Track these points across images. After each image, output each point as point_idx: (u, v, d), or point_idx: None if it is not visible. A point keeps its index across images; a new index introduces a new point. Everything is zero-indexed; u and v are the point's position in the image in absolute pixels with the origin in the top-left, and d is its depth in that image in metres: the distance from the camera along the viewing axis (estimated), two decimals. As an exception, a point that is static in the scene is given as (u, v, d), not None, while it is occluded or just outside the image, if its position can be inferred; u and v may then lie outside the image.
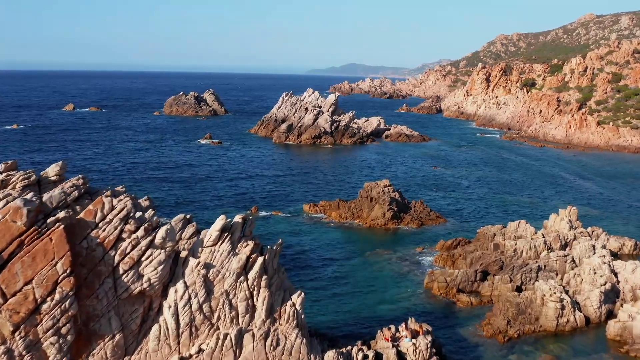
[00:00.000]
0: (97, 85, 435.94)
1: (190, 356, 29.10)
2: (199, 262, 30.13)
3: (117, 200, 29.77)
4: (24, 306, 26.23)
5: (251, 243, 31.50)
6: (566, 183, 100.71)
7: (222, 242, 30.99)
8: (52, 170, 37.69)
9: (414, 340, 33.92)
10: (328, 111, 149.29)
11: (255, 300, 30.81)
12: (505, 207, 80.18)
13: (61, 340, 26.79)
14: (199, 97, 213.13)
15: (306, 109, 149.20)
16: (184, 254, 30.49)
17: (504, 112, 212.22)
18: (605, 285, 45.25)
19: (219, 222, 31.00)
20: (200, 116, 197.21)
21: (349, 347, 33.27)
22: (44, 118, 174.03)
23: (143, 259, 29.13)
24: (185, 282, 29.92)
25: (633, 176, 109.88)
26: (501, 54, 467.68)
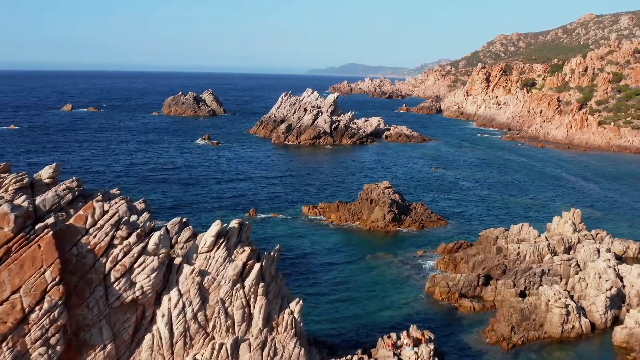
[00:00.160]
0: (96, 85, 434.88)
1: (185, 367, 28.11)
2: (193, 269, 29.11)
3: (109, 205, 28.73)
4: (11, 316, 25.22)
5: (248, 249, 30.47)
6: (568, 184, 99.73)
7: (218, 248, 29.95)
8: (45, 172, 36.79)
9: (416, 348, 32.92)
10: (327, 111, 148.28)
11: (252, 308, 29.79)
12: (507, 209, 79.18)
13: (50, 351, 25.76)
14: (197, 97, 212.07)
15: (305, 109, 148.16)
16: (178, 260, 29.47)
17: (504, 112, 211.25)
18: (611, 290, 44.26)
19: (215, 227, 29.96)
20: (199, 116, 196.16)
21: (349, 356, 32.29)
22: (41, 118, 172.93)
23: (135, 266, 28.10)
24: (180, 289, 28.90)
25: (635, 177, 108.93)
26: (501, 53, 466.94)
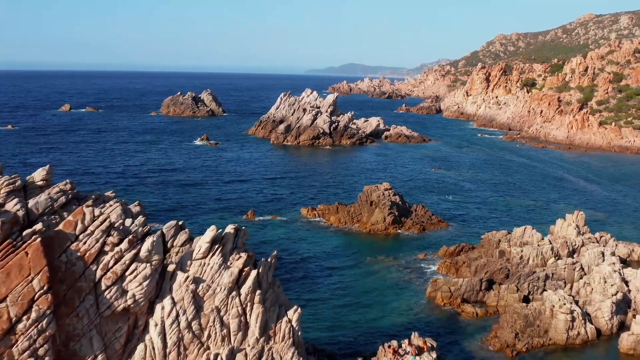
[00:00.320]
0: (95, 85, 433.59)
1: (178, 378, 27.07)
2: (187, 277, 28.08)
3: (99, 210, 27.68)
4: (-4, 326, 24.20)
5: (244, 255, 29.45)
6: (570, 185, 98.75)
7: (213, 254, 28.92)
8: (38, 174, 35.79)
9: (418, 357, 31.90)
10: (327, 112, 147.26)
11: (248, 317, 28.77)
12: (509, 211, 78.18)
13: (38, 363, 24.74)
14: (196, 98, 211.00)
15: (304, 110, 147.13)
16: (172, 267, 28.43)
17: (504, 112, 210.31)
18: (617, 295, 43.27)
19: (209, 233, 28.93)
20: (198, 117, 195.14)
21: (348, 366, 31.29)
22: (39, 119, 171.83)
23: (127, 273, 27.07)
24: (173, 298, 27.86)
25: (638, 178, 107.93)
26: (500, 53, 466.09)
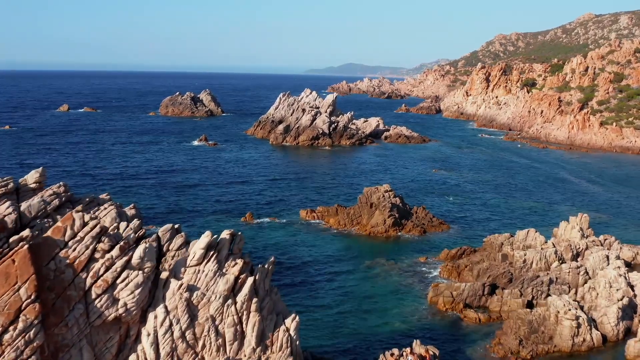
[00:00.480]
0: (94, 85, 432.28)
1: (172, 390, 26.07)
2: (181, 284, 27.08)
3: (89, 215, 26.67)
4: (-19, 337, 23.20)
5: (240, 262, 28.46)
6: (573, 187, 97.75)
7: (208, 261, 27.92)
8: (31, 177, 34.93)
9: (420, 366, 30.93)
10: (326, 112, 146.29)
11: (244, 325, 27.77)
12: (511, 213, 77.19)
13: (25, 375, 23.73)
14: (195, 98, 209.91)
15: (304, 110, 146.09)
16: (165, 275, 27.41)
17: (505, 112, 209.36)
18: (623, 300, 42.29)
19: (204, 239, 27.93)
20: (197, 117, 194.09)
21: (348, 375, 30.30)
22: (37, 119, 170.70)
23: (118, 281, 26.07)
24: (166, 306, 26.86)
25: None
26: (500, 53, 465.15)
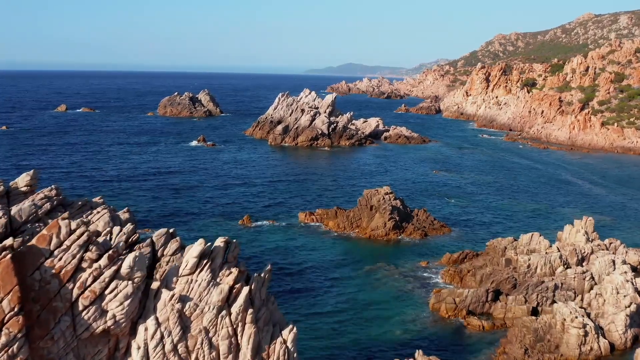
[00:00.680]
0: (93, 85, 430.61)
1: (163, 406, 24.84)
2: (173, 295, 25.82)
3: (76, 223, 25.43)
4: (-39, 352, 21.99)
5: (235, 271, 27.19)
6: (575, 188, 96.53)
7: (201, 270, 26.66)
8: (22, 180, 33.88)
9: (422, 379, 29.72)
10: (325, 112, 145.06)
11: (239, 338, 26.52)
12: (513, 215, 75.98)
13: (8, 391, 22.51)
14: (193, 98, 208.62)
15: (303, 110, 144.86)
16: (156, 285, 26.16)
17: (505, 112, 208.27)
18: (630, 306, 41.10)
19: (197, 247, 26.68)
20: (195, 117, 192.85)
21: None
22: (34, 119, 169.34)
23: (107, 292, 24.80)
24: (157, 318, 25.61)
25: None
26: (499, 53, 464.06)
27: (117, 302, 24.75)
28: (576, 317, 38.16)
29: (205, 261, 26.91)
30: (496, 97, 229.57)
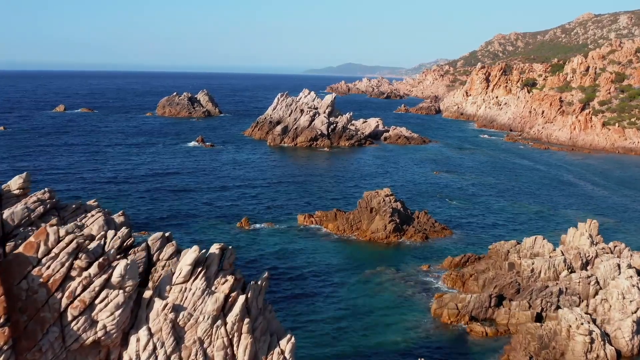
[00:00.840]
0: (92, 85, 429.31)
1: (155, 421, 23.87)
2: (166, 304, 24.85)
3: (65, 230, 24.45)
4: (-56, 366, 21.04)
5: (230, 278, 26.24)
6: (578, 190, 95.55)
7: (195, 278, 25.70)
8: (14, 183, 32.91)
9: (425, 389, 28.75)
10: (325, 112, 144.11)
11: (235, 348, 25.56)
12: (515, 217, 75.01)
13: (-6, 406, 21.56)
14: (192, 98, 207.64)
15: (302, 111, 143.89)
16: (148, 294, 25.19)
17: (505, 112, 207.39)
18: (637, 312, 40.14)
19: (191, 254, 25.71)
20: (194, 117, 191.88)
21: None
22: (32, 120, 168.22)
23: (97, 301, 23.83)
24: (150, 328, 24.65)
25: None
26: (499, 53, 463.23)
27: (108, 312, 23.80)
28: (582, 324, 37.21)
29: (199, 269, 25.95)
30: (496, 97, 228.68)
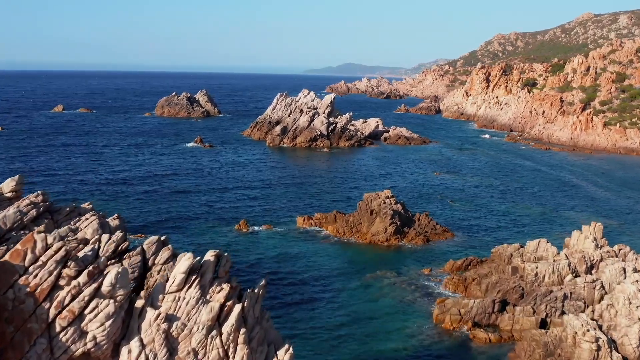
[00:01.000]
0: (92, 85, 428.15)
1: None
2: (159, 314, 23.87)
3: (52, 237, 23.49)
4: None
5: (226, 287, 25.25)
6: (580, 191, 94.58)
7: (189, 287, 24.71)
8: (7, 185, 32.09)
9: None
10: (324, 113, 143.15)
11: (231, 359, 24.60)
12: (518, 219, 74.04)
13: (-23, 422, 20.60)
14: (191, 98, 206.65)
15: (301, 111, 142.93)
16: (140, 303, 24.22)
17: (506, 112, 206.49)
18: (644, 318, 39.15)
19: (185, 262, 24.72)
20: (193, 118, 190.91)
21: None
22: (31, 120, 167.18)
23: (86, 311, 22.86)
24: (142, 339, 23.66)
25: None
26: (499, 53, 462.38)
27: (98, 323, 22.83)
28: (588, 330, 36.25)
29: (194, 277, 24.95)
30: (496, 97, 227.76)
